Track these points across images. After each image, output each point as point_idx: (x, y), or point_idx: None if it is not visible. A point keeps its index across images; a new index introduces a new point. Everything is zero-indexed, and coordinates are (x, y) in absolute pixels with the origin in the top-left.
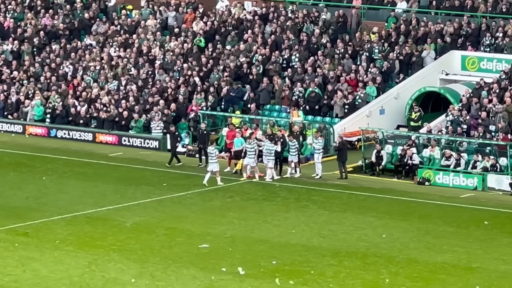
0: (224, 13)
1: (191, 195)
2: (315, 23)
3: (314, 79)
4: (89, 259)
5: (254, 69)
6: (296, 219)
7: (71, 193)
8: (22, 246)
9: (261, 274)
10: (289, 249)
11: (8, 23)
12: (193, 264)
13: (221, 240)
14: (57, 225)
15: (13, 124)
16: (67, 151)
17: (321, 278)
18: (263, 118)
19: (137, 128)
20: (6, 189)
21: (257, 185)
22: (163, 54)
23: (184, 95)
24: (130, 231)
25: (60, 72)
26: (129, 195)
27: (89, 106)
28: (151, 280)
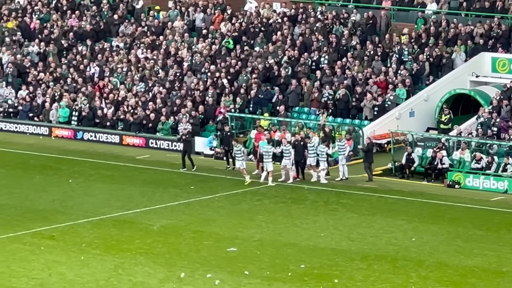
0: (252, 14)
1: (219, 198)
2: (344, 24)
3: (343, 81)
4: (115, 263)
5: (283, 70)
6: (325, 222)
7: (98, 196)
8: (48, 249)
9: (289, 278)
10: (318, 253)
11: (34, 24)
12: (221, 268)
13: (249, 243)
14: (84, 228)
15: (39, 127)
16: (93, 153)
17: (350, 282)
18: (291, 121)
19: (164, 130)
20: (32, 192)
21: (285, 188)
22: (191, 56)
23: (212, 97)
24: (157, 234)
25: (87, 74)
26: (156, 198)
27: (116, 108)
28: (178, 284)
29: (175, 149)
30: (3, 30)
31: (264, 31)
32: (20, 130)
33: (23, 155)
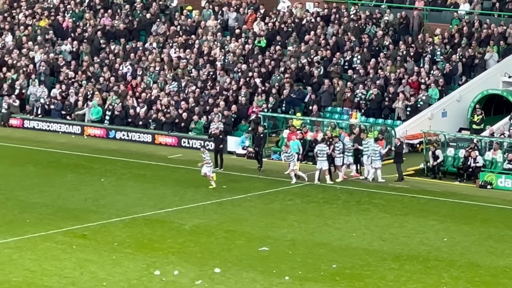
0: (285, 14)
1: (251, 197)
2: (377, 24)
3: (375, 81)
4: (147, 262)
5: (316, 70)
6: (357, 222)
7: (130, 195)
8: (80, 248)
9: (321, 278)
10: (349, 253)
11: (67, 23)
12: (253, 267)
13: (281, 243)
14: (116, 227)
15: (71, 125)
16: (126, 152)
17: (381, 282)
18: (324, 120)
19: (197, 129)
20: (64, 191)
21: (317, 188)
22: (223, 55)
23: (245, 97)
24: (189, 233)
25: (119, 73)
26: (189, 197)
27: (148, 108)
28: (210, 283)
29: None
30: (36, 29)
31: (296, 31)
32: (52, 129)
33: (55, 154)
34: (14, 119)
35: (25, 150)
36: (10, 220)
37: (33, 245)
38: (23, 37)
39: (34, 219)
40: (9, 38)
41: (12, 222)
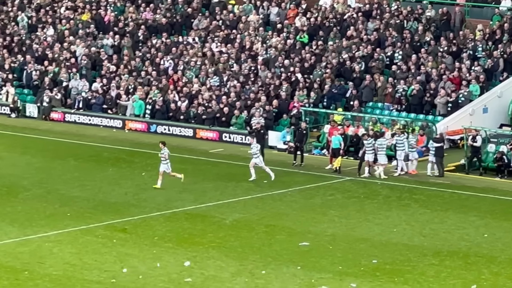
0: (327, 9)
1: (292, 192)
2: (418, 20)
3: (416, 77)
4: (188, 256)
5: (357, 66)
6: (398, 217)
7: (171, 189)
8: (120, 242)
9: (361, 273)
10: (390, 248)
11: (108, 17)
12: (293, 262)
13: (321, 238)
14: (156, 222)
15: (112, 119)
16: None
17: (422, 277)
18: (365, 116)
19: (238, 124)
20: (105, 185)
21: (358, 183)
22: (265, 50)
23: (286, 92)
24: (230, 228)
25: (161, 67)
26: (229, 191)
27: (190, 102)
28: (251, 278)
29: (249, 143)
30: (77, 23)
31: (338, 26)
32: (93, 123)
33: (96, 148)
34: (55, 113)
35: (66, 143)
36: (51, 214)
37: (73, 238)
38: (65, 31)
39: (75, 213)
40: (51, 32)
41: (53, 215)
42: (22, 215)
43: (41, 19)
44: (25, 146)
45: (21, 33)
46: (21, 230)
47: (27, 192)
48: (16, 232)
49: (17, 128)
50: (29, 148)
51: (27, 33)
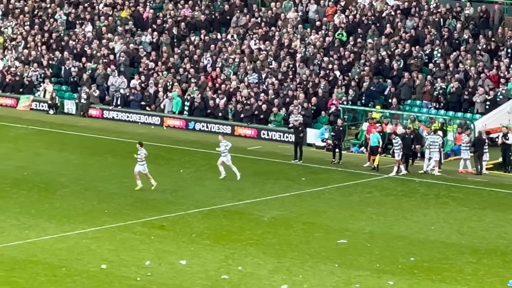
0: (365, 6)
1: (330, 189)
2: (457, 18)
3: (455, 75)
4: (225, 253)
5: (395, 63)
6: (436, 215)
7: (209, 186)
8: (158, 239)
9: (399, 271)
10: (427, 246)
11: (147, 14)
12: (331, 260)
13: (359, 235)
14: (194, 219)
15: (151, 116)
16: (205, 144)
17: (459, 275)
18: (403, 113)
19: (276, 121)
20: (143, 182)
21: (396, 181)
22: (304, 47)
23: (325, 89)
24: (268, 225)
25: (200, 65)
26: (267, 189)
27: (228, 99)
28: (288, 275)
29: (287, 140)
30: (116, 19)
31: (376, 24)
32: (131, 120)
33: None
34: (93, 109)
35: (104, 140)
36: (89, 211)
37: (111, 235)
38: (103, 28)
39: (113, 210)
40: (89, 28)
41: (91, 212)
42: (60, 211)
43: (80, 15)
44: (63, 143)
45: (60, 29)
46: (59, 227)
47: (65, 188)
48: (54, 229)
49: (55, 125)
50: (67, 145)
51: (65, 30)
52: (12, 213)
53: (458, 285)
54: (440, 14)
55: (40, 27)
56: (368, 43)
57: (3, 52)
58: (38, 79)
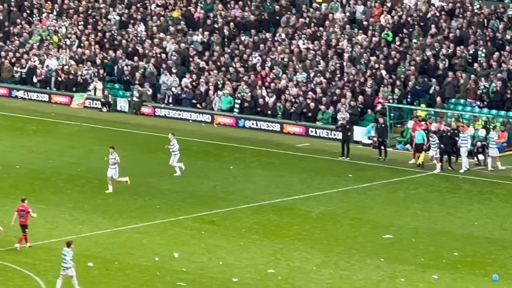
0: (411, 7)
1: (376, 186)
2: (500, 18)
3: (498, 74)
4: (274, 248)
5: (440, 63)
6: (479, 211)
7: (258, 182)
8: (208, 234)
9: (443, 265)
10: (471, 241)
11: (198, 14)
12: (377, 254)
13: (404, 231)
14: (244, 214)
15: (201, 114)
16: (254, 141)
17: (502, 269)
18: (448, 112)
19: (324, 119)
20: (194, 178)
21: (441, 177)
22: (351, 47)
23: (371, 88)
24: (316, 220)
25: (249, 63)
26: (315, 185)
27: (277, 97)
28: (335, 269)
29: (334, 138)
30: (167, 19)
31: (422, 24)
32: (183, 117)
33: (186, 142)
34: (145, 107)
35: (156, 137)
36: (141, 206)
37: (162, 230)
38: (155, 27)
39: (164, 205)
40: (141, 28)
41: (143, 207)
42: (113, 207)
43: (132, 15)
44: (115, 140)
45: (113, 29)
46: (112, 222)
47: (117, 184)
48: (106, 224)
49: (108, 122)
50: (119, 142)
51: (118, 29)
52: (66, 208)
53: (501, 279)
54: (484, 15)
55: (93, 26)
56: (413, 43)
57: (58, 51)
58: (92, 77)
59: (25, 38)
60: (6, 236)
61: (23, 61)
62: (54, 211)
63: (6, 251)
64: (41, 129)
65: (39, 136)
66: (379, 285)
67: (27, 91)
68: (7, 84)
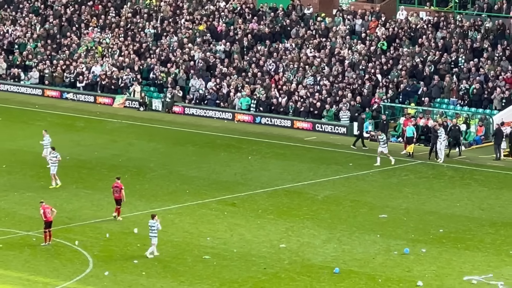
0: (402, 21)
1: (373, 173)
2: (478, 30)
3: (476, 77)
4: (286, 226)
5: (427, 68)
6: (460, 194)
7: (272, 170)
8: (230, 214)
9: (430, 240)
10: (454, 220)
11: (220, 27)
12: (374, 231)
13: (397, 211)
14: (260, 197)
15: (224, 112)
16: (269, 135)
17: (481, 244)
18: (433, 109)
19: (328, 116)
20: (218, 167)
21: (427, 165)
22: (351, 55)
23: (368, 90)
24: (321, 203)
25: (264, 69)
26: (321, 172)
27: (288, 98)
28: (338, 244)
29: (337, 132)
30: (195, 32)
31: (411, 35)
32: (208, 115)
33: (211, 136)
34: (176, 107)
35: (186, 132)
36: (173, 191)
37: (191, 211)
38: (184, 39)
39: (193, 190)
40: (173, 39)
41: (175, 192)
42: (149, 191)
43: (165, 28)
44: (151, 135)
45: (148, 40)
46: (148, 204)
47: (153, 172)
48: (143, 206)
49: (145, 120)
50: (154, 136)
51: (153, 41)
52: (109, 193)
53: (479, 252)
54: (465, 27)
55: (132, 38)
56: (404, 51)
57: (102, 60)
58: (131, 81)
59: (74, 48)
60: (59, 217)
61: (72, 68)
62: (99, 195)
63: (59, 230)
64: (88, 126)
65: (86, 132)
66: (376, 257)
67: (76, 94)
68: (58, 88)
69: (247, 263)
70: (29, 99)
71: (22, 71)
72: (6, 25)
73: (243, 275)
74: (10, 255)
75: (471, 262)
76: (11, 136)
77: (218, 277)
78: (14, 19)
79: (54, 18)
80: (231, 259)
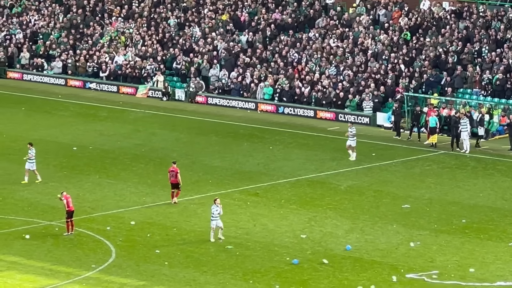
0: (425, 11)
1: (396, 163)
2: (501, 20)
3: (500, 68)
4: (309, 216)
5: (450, 58)
6: (483, 184)
7: (295, 160)
8: (253, 204)
9: (453, 231)
10: (477, 210)
11: (244, 17)
12: (397, 221)
13: (420, 201)
14: (283, 187)
15: (247, 102)
16: (292, 125)
17: (503, 234)
18: (456, 100)
19: (351, 106)
20: (241, 157)
21: (451, 155)
22: (374, 45)
23: (392, 80)
24: (344, 193)
25: (288, 59)
26: (344, 162)
27: (311, 88)
28: (361, 234)
29: (360, 122)
30: (218, 22)
31: (435, 25)
32: (231, 105)
33: (233, 126)
34: (199, 97)
35: (209, 122)
36: (196, 181)
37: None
38: (207, 29)
39: (215, 180)
40: (196, 30)
41: (197, 182)
42: None
43: (188, 18)
44: (174, 124)
45: (171, 30)
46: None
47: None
48: (166, 196)
49: (168, 109)
50: (177, 126)
51: (176, 31)
52: (132, 183)
53: (502, 242)
54: (487, 17)
55: (155, 28)
56: (427, 41)
57: (125, 49)
58: (154, 71)
59: (97, 38)
60: (81, 207)
61: (95, 58)
62: (122, 185)
63: (82, 219)
64: (110, 116)
65: (109, 122)
66: (399, 247)
67: (99, 83)
68: (81, 77)
69: (270, 253)
70: (52, 89)
71: (45, 61)
72: (29, 14)
73: (265, 265)
74: (33, 244)
75: (493, 253)
76: (34, 125)
77: (241, 267)
78: (38, 8)
79: (78, 8)
80: (253, 249)
